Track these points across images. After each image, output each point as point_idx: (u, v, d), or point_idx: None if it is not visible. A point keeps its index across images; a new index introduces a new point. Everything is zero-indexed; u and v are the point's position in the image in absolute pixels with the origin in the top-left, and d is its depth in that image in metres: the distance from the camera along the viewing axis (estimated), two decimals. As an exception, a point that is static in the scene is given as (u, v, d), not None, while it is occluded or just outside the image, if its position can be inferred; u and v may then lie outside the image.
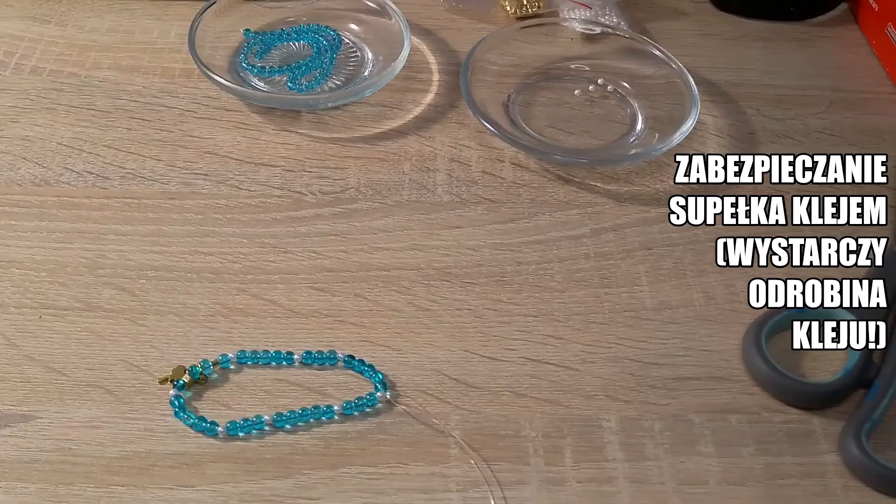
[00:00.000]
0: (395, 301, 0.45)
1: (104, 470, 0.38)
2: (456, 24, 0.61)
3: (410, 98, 0.56)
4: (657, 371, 0.43)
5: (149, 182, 0.50)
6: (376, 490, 0.38)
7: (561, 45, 0.59)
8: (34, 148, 0.51)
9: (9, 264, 0.45)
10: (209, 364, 0.41)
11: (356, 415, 0.41)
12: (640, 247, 0.48)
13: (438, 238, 0.48)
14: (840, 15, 0.64)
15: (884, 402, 0.41)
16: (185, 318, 0.44)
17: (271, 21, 0.59)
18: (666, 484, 0.39)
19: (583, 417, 0.41)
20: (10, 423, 0.40)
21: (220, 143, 0.52)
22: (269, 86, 0.55)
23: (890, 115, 0.56)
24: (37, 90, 0.55)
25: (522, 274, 0.47)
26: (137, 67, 0.56)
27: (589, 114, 0.55)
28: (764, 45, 0.61)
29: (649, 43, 0.56)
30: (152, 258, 0.46)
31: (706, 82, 0.57)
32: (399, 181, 0.51)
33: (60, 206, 0.48)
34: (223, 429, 0.40)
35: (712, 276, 0.47)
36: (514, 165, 0.52)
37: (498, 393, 0.42)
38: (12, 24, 0.59)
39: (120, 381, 0.41)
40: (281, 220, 0.48)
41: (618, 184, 0.51)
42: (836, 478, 0.40)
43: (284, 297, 0.45)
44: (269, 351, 0.42)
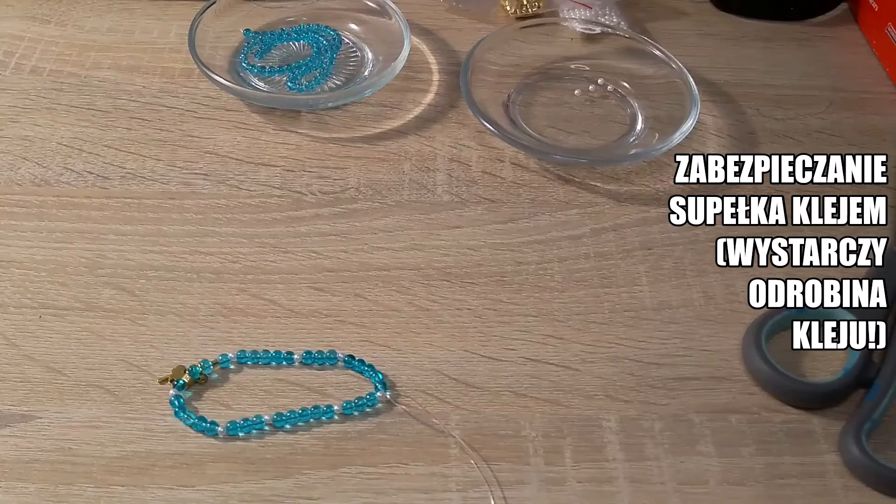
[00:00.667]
0: (395, 301, 0.45)
1: (104, 470, 0.38)
2: (456, 24, 0.61)
3: (410, 98, 0.56)
4: (657, 371, 0.43)
5: (149, 182, 0.50)
6: (376, 490, 0.38)
7: (561, 45, 0.59)
8: (34, 148, 0.51)
9: (9, 264, 0.45)
10: (209, 364, 0.42)
11: (356, 415, 0.41)
12: (640, 247, 0.48)
13: (438, 238, 0.48)
14: (840, 15, 0.64)
15: (884, 402, 0.41)
16: (185, 318, 0.44)
17: (271, 21, 0.59)
18: (666, 484, 0.39)
19: (583, 417, 0.41)
20: (10, 423, 0.40)
21: (220, 143, 0.52)
22: (269, 86, 0.55)
23: (890, 115, 0.56)
24: (37, 90, 0.55)
25: (522, 274, 0.47)
26: (137, 67, 0.56)
27: (589, 114, 0.55)
28: (764, 45, 0.61)
29: (649, 43, 0.56)
30: (152, 258, 0.46)
31: (706, 82, 0.57)
32: (399, 181, 0.51)
33: (60, 206, 0.48)
34: (223, 429, 0.40)
35: (712, 276, 0.47)
36: (514, 165, 0.52)
37: (498, 393, 0.42)
38: (12, 24, 0.59)
39: (120, 381, 0.41)
40: (281, 220, 0.48)
41: (618, 184, 0.51)
42: (836, 478, 0.40)
43: (284, 297, 0.45)
44: (269, 351, 0.42)
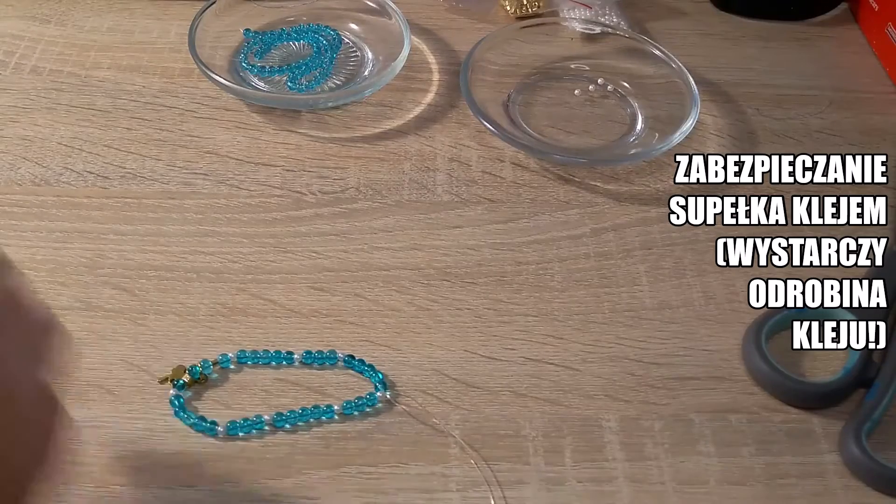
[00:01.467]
0: (395, 301, 0.45)
1: (104, 470, 0.38)
2: (456, 23, 0.61)
3: (410, 98, 0.56)
4: (657, 371, 0.43)
5: (149, 182, 0.50)
6: (376, 490, 0.38)
7: (561, 45, 0.59)
8: (34, 148, 0.51)
9: (9, 264, 0.45)
10: (209, 364, 0.41)
11: (356, 415, 0.41)
12: (640, 247, 0.48)
13: (438, 238, 0.48)
14: (840, 15, 0.64)
15: (884, 402, 0.41)
16: (185, 318, 0.44)
17: (271, 21, 0.59)
18: (666, 484, 0.39)
19: (583, 417, 0.41)
20: (10, 422, 0.40)
21: (220, 142, 0.52)
22: (269, 85, 0.55)
23: (890, 115, 0.56)
24: (37, 90, 0.55)
25: (522, 274, 0.47)
26: (137, 67, 0.56)
27: (589, 113, 0.55)
28: (764, 45, 0.61)
29: (649, 43, 0.56)
30: (152, 258, 0.46)
31: (706, 82, 0.57)
32: (399, 181, 0.51)
33: (60, 206, 0.48)
34: (223, 428, 0.40)
35: (712, 276, 0.47)
36: (514, 165, 0.52)
37: (498, 393, 0.42)
38: (12, 24, 0.59)
39: (120, 381, 0.41)
40: (281, 219, 0.48)
41: (618, 184, 0.51)
42: (836, 478, 0.40)
43: (284, 297, 0.45)
44: (269, 351, 0.42)
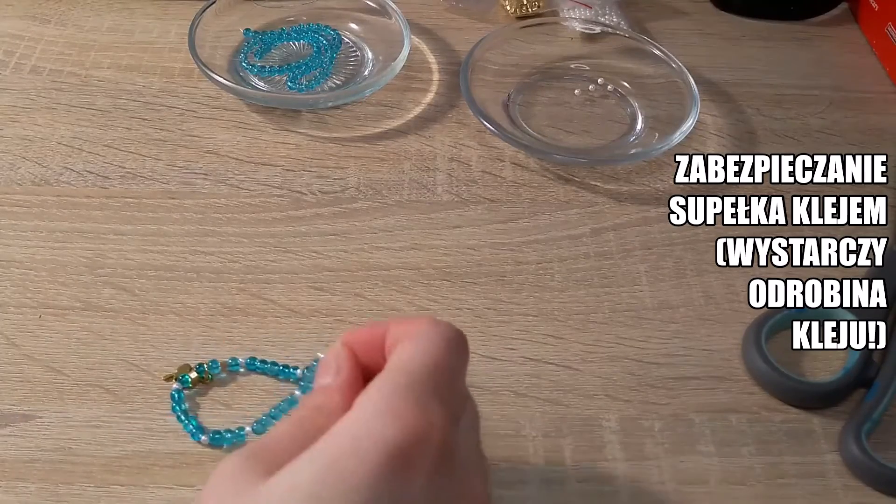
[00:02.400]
0: (395, 301, 0.45)
1: (104, 469, 0.38)
2: (456, 23, 0.61)
3: (410, 98, 0.56)
4: (657, 371, 0.43)
5: (149, 182, 0.50)
6: (376, 490, 0.38)
7: (561, 45, 0.59)
8: (34, 147, 0.51)
9: (9, 264, 0.45)
10: (217, 364, 0.41)
11: (356, 414, 0.41)
12: (640, 247, 0.48)
13: (438, 238, 0.48)
14: (840, 15, 0.64)
15: (884, 401, 0.41)
16: (185, 318, 0.44)
17: (271, 21, 0.59)
18: (666, 483, 0.39)
19: (583, 417, 0.41)
20: (10, 422, 0.39)
21: (220, 142, 0.52)
22: (269, 85, 0.55)
23: (890, 114, 0.56)
24: (37, 90, 0.55)
25: (522, 274, 0.47)
26: (137, 67, 0.56)
27: (589, 113, 0.55)
28: (764, 44, 0.61)
29: (649, 42, 0.56)
30: (152, 258, 0.46)
31: (706, 82, 0.57)
32: (399, 181, 0.51)
33: (60, 206, 0.48)
34: (206, 438, 0.39)
35: (712, 276, 0.47)
36: (514, 165, 0.52)
37: (498, 393, 0.42)
38: (12, 24, 0.59)
39: (120, 381, 0.41)
40: (281, 219, 0.48)
41: (618, 183, 0.51)
42: (836, 477, 0.40)
43: (284, 297, 0.45)
44: (278, 364, 0.42)
